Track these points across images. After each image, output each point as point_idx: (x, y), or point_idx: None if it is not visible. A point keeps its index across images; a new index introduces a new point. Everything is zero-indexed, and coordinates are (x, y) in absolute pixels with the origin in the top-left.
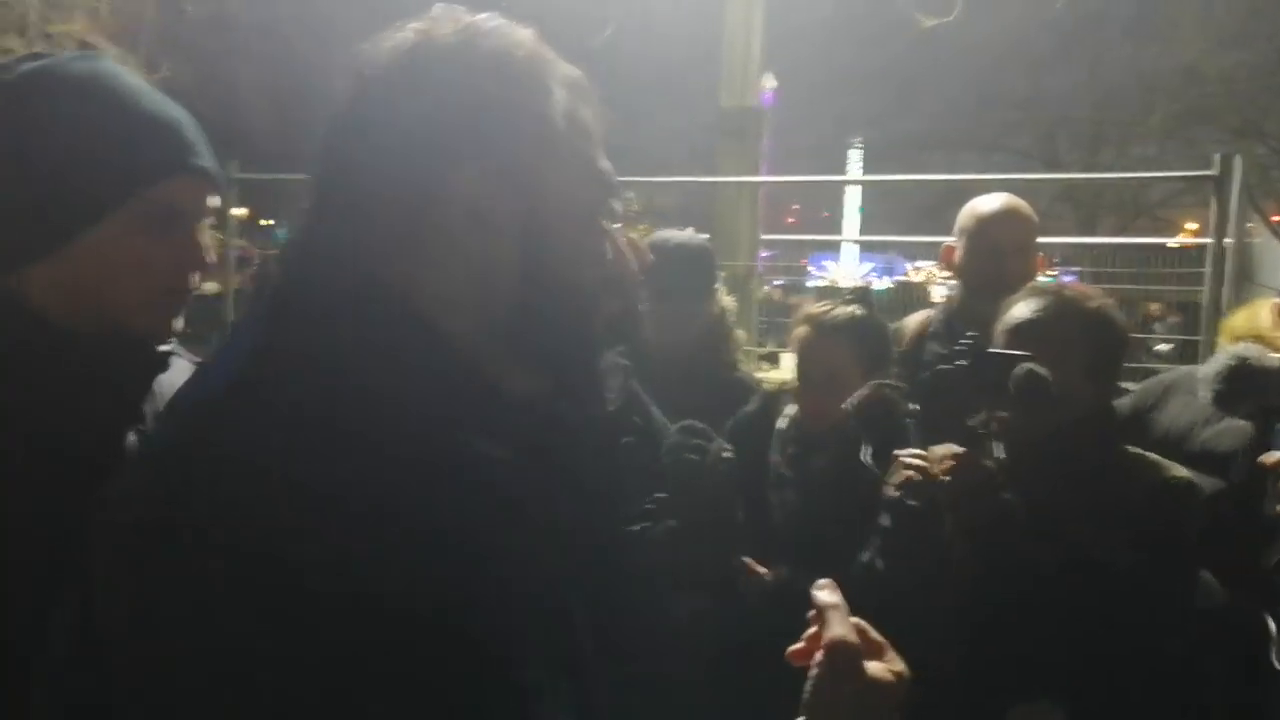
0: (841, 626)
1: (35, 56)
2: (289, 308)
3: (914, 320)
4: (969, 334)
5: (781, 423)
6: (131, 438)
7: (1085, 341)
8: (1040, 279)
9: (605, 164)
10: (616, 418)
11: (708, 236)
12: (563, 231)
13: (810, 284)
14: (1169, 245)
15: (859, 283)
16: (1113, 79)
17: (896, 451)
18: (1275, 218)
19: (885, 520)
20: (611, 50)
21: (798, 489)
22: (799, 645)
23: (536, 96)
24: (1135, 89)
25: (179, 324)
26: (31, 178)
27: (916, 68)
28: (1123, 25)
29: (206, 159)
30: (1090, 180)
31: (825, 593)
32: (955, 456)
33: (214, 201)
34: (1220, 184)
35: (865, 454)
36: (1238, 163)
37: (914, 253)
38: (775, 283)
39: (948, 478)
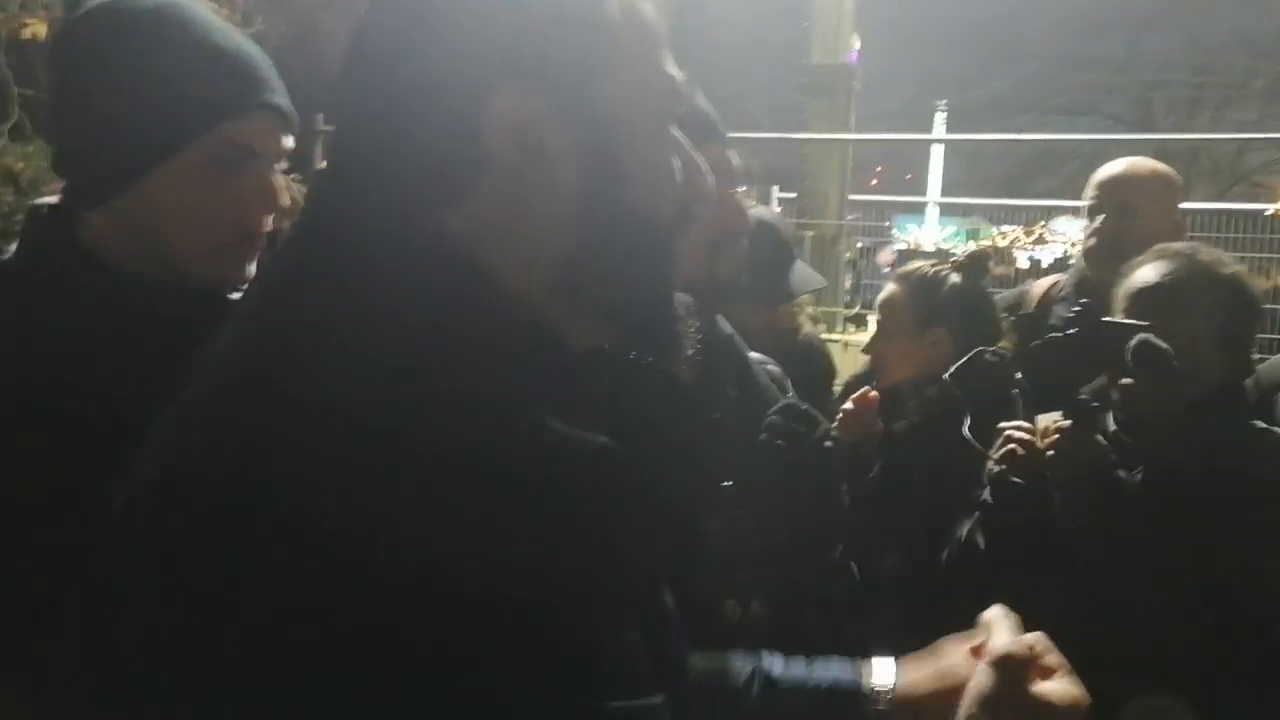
0: (1007, 637)
1: None
2: (314, 273)
3: (1041, 284)
4: (1081, 301)
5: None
6: None
7: (1216, 309)
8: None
9: (672, 68)
10: (707, 387)
11: (795, 195)
12: (628, 157)
13: (895, 247)
14: (1268, 213)
15: (979, 246)
16: (1213, 41)
17: (1002, 424)
18: None
19: (987, 496)
20: (698, 7)
21: (880, 453)
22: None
23: (599, 2)
24: (1237, 52)
25: (251, 270)
26: (98, 115)
27: (1006, 29)
28: None
29: (280, 96)
30: (1185, 143)
31: (998, 608)
32: (1063, 430)
33: (288, 142)
34: None
35: (965, 425)
36: None
37: (999, 217)
38: (858, 244)
39: (1053, 453)
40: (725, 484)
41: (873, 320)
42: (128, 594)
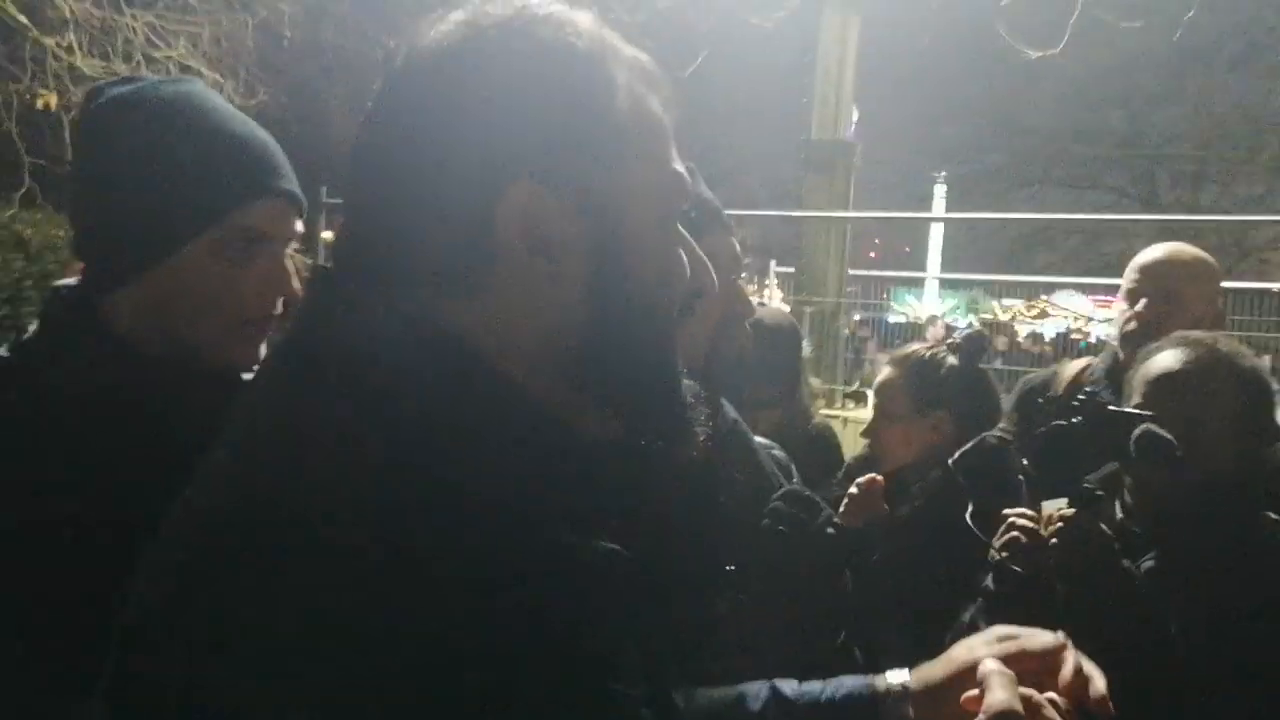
0: (1004, 692)
1: (126, 80)
2: (317, 364)
3: (1073, 367)
4: (1086, 389)
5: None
6: None
7: (1235, 400)
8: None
9: (678, 164)
10: (713, 471)
11: (793, 270)
12: (634, 252)
13: (891, 319)
14: (1276, 289)
15: (974, 328)
16: (1218, 114)
17: (1006, 510)
18: None
19: (990, 584)
20: (698, 82)
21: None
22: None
23: (601, 94)
24: (1242, 126)
25: (263, 351)
26: (118, 201)
27: (1007, 101)
28: (1231, 60)
29: (290, 182)
30: (1189, 222)
31: (994, 661)
32: (1067, 519)
33: (298, 225)
34: None
35: (968, 512)
36: None
37: (999, 290)
38: (855, 318)
39: (1056, 541)
40: (729, 568)
41: (872, 397)
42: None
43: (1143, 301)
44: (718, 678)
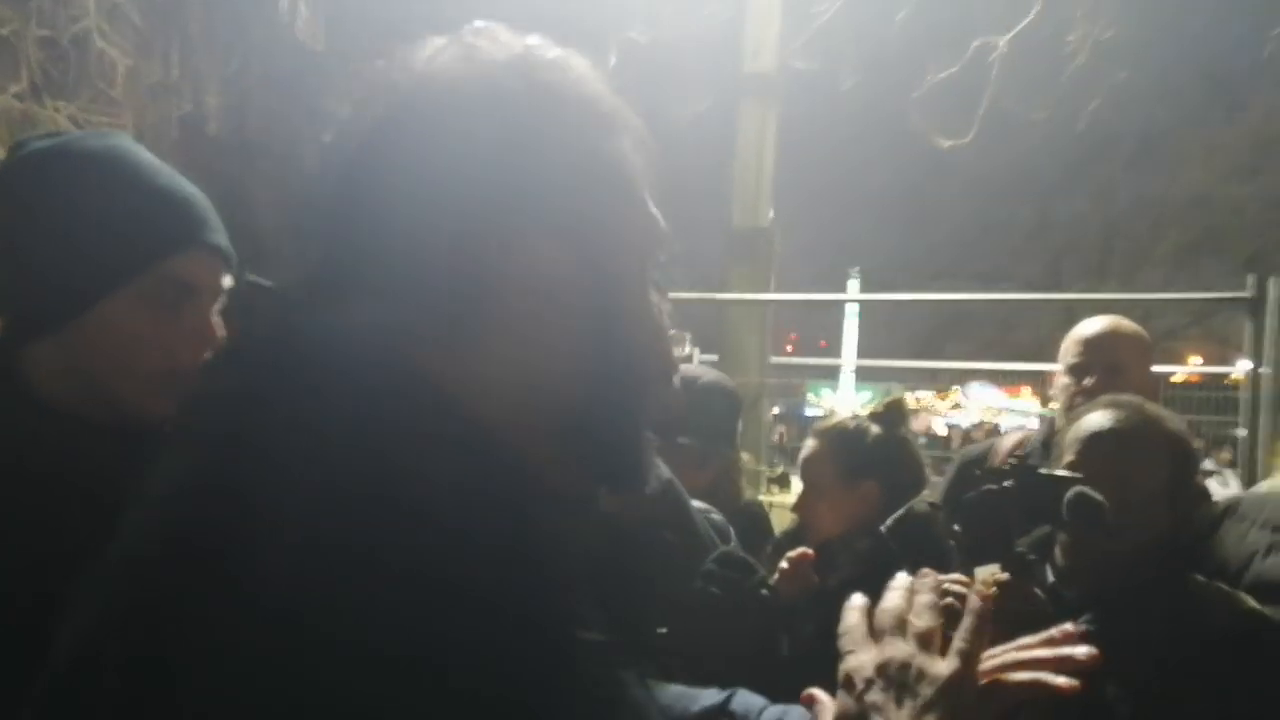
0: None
1: (51, 135)
2: (267, 399)
3: (1010, 439)
4: (1014, 454)
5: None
6: None
7: (1164, 461)
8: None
9: (656, 211)
10: (644, 532)
11: (716, 358)
12: (632, 300)
13: (808, 412)
14: (1173, 378)
15: (894, 395)
16: (1119, 208)
17: (939, 578)
18: None
19: None
20: None
21: (813, 609)
22: None
23: (607, 142)
24: (1143, 219)
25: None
26: (40, 251)
27: (918, 196)
28: (1128, 157)
29: (219, 235)
30: (1095, 304)
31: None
32: (1001, 584)
33: (226, 280)
34: (1255, 306)
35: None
36: (1274, 284)
37: (914, 382)
38: (774, 410)
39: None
40: (660, 630)
41: (796, 480)
42: None
43: (1090, 376)
44: None
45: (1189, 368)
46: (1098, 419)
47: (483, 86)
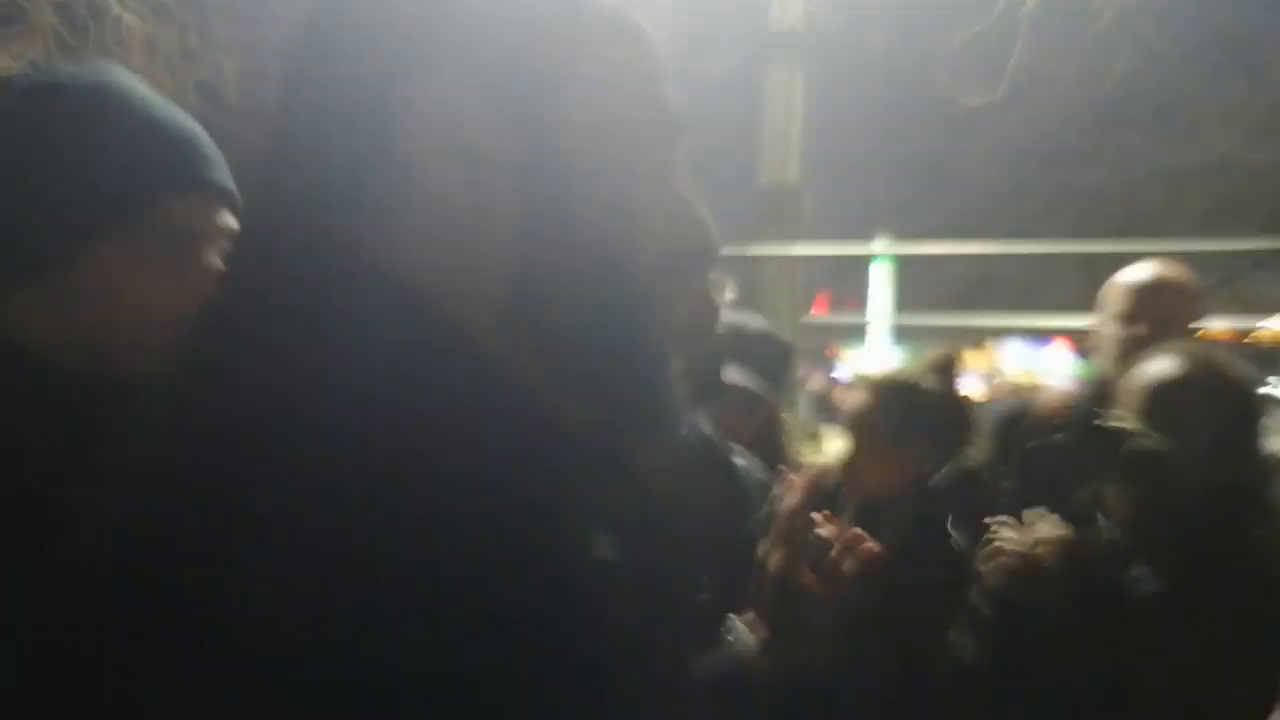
0: None
1: (42, 70)
2: (235, 289)
3: (1052, 396)
4: (1072, 403)
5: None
6: None
7: (1230, 410)
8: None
9: (671, 103)
10: (687, 488)
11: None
12: (587, 185)
13: (838, 373)
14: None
15: (944, 351)
16: (1138, 176)
17: (989, 519)
18: None
19: (981, 606)
20: None
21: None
22: None
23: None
24: (1161, 185)
25: None
26: (29, 192)
27: (940, 159)
28: (1148, 121)
29: (223, 174)
30: (1125, 259)
31: None
32: (1057, 540)
33: (230, 221)
34: None
35: (951, 531)
36: None
37: (946, 341)
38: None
39: (1047, 563)
40: (703, 594)
41: (831, 437)
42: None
43: (1141, 324)
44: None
45: (1214, 324)
46: (1162, 367)
47: None
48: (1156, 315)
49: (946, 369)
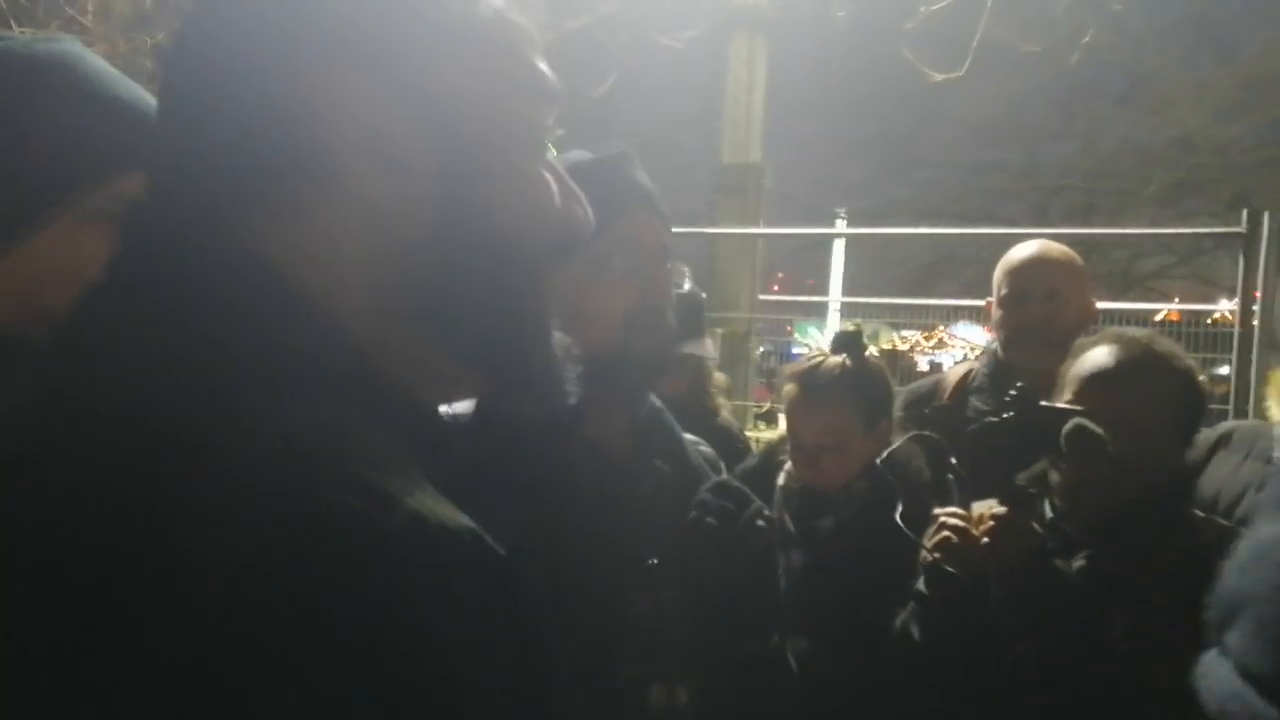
0: None
1: None
2: (106, 307)
3: (955, 373)
4: (1017, 385)
5: (781, 479)
6: None
7: (1171, 399)
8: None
9: (543, 66)
10: (636, 461)
11: (704, 294)
12: (491, 171)
13: (796, 351)
14: (1158, 316)
15: (848, 326)
16: (1106, 150)
17: (936, 510)
18: None
19: (922, 586)
20: (609, 104)
21: (805, 550)
22: None
23: None
24: (1130, 160)
25: None
26: None
27: (904, 137)
28: (1116, 96)
29: None
30: (1080, 243)
31: None
32: (999, 518)
33: None
34: (1248, 241)
35: (897, 512)
36: (1267, 218)
37: (900, 320)
38: (760, 349)
39: (988, 540)
40: (651, 562)
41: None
42: None
43: (1023, 302)
44: (639, 678)
45: (1170, 305)
46: (1102, 354)
47: None
48: (1042, 294)
49: (855, 344)
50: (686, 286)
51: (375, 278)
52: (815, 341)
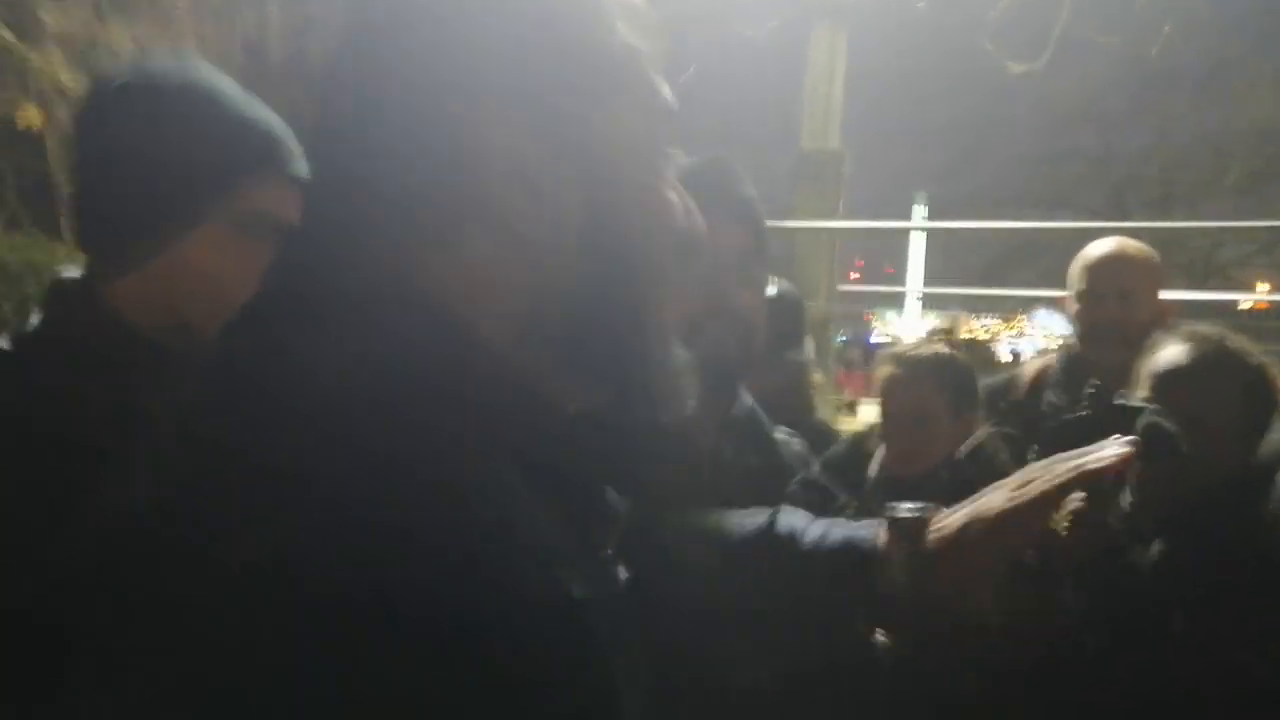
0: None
1: (130, 66)
2: (271, 336)
3: (1031, 368)
4: (1092, 382)
5: (873, 468)
6: None
7: (1242, 397)
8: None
9: (666, 91)
10: (726, 458)
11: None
12: (630, 193)
13: (873, 340)
14: (1240, 305)
15: (943, 322)
16: (1183, 139)
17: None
18: None
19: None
20: (687, 93)
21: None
22: None
23: (595, 26)
24: (1207, 149)
25: None
26: (128, 184)
27: (984, 123)
28: (1193, 85)
29: (300, 165)
30: (1159, 235)
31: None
32: (1078, 511)
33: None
34: None
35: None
36: None
37: (978, 309)
38: (840, 338)
39: (1066, 533)
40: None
41: (861, 408)
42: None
43: (1099, 300)
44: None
45: (1255, 295)
46: (1175, 353)
47: None
48: (1117, 293)
49: (954, 342)
50: (774, 289)
51: (522, 304)
52: (894, 329)
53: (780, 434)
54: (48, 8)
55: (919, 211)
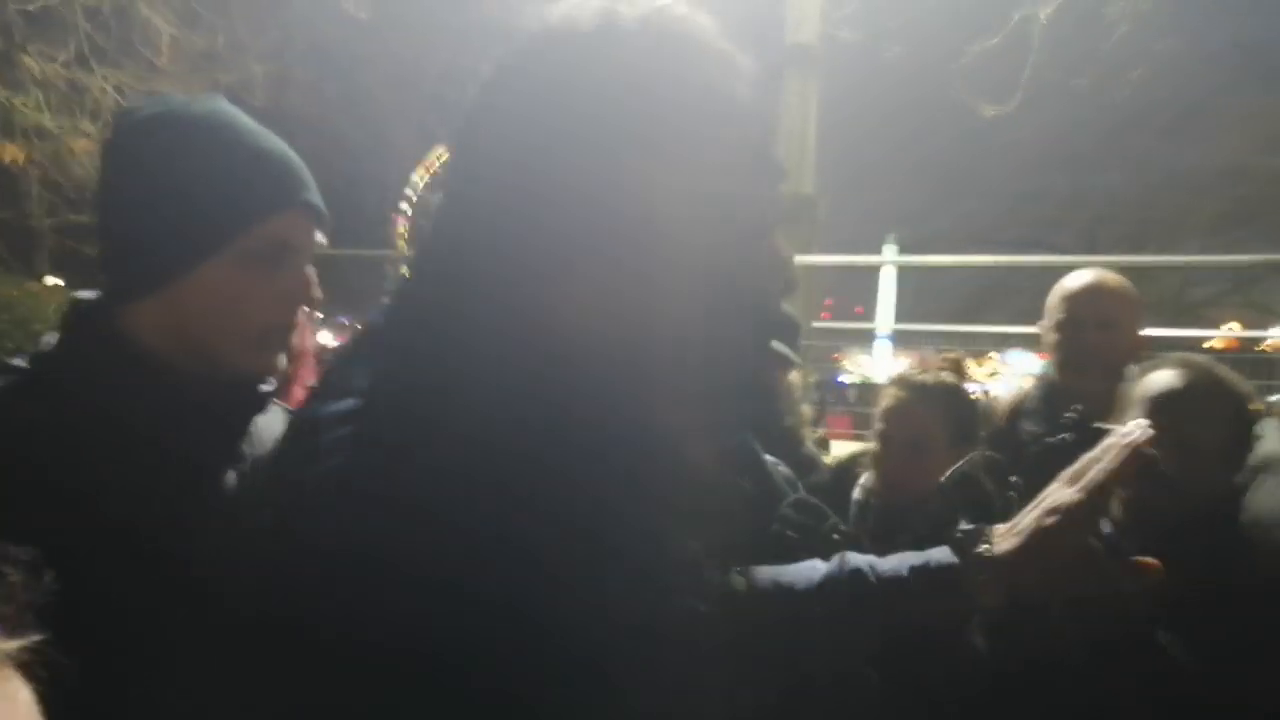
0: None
1: (157, 101)
2: (410, 345)
3: (1007, 397)
4: (1074, 407)
5: (857, 494)
6: (231, 477)
7: (1228, 422)
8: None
9: (778, 153)
10: (725, 478)
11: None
12: (752, 244)
13: (842, 379)
14: (1207, 344)
15: (953, 353)
16: (1154, 180)
17: (997, 526)
18: None
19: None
20: None
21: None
22: None
23: (728, 87)
24: (1179, 190)
25: (282, 362)
26: (146, 214)
27: (955, 164)
28: (1163, 127)
29: (314, 195)
30: (1132, 271)
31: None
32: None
33: (321, 238)
34: None
35: (959, 528)
36: None
37: (949, 348)
38: (812, 378)
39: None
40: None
41: (834, 444)
42: None
43: (1079, 329)
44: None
45: (1223, 333)
46: (1169, 377)
47: (620, 36)
48: (1096, 322)
49: (960, 371)
50: None
51: (649, 348)
52: (863, 370)
53: (768, 459)
54: (32, 54)
55: (889, 251)
